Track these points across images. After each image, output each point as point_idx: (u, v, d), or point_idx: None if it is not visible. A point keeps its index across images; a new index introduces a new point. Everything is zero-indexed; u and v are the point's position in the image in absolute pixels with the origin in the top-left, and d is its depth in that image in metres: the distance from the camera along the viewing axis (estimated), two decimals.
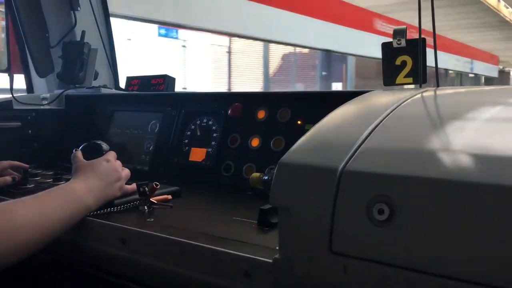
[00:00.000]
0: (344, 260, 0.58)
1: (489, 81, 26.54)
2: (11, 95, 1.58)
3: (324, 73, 13.42)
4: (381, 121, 0.70)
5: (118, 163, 1.07)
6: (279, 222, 0.66)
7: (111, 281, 0.92)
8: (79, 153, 1.07)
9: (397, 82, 1.17)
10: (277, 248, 0.68)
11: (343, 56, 13.87)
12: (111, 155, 1.08)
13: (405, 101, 0.80)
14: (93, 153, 1.08)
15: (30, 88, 1.95)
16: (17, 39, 1.88)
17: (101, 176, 1.00)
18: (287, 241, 0.65)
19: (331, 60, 13.22)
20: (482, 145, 0.62)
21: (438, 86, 1.14)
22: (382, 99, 0.89)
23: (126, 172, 1.07)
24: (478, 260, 0.51)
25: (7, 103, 1.58)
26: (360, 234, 0.58)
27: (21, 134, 1.61)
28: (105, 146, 1.13)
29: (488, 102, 0.85)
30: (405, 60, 1.16)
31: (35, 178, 1.34)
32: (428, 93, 0.91)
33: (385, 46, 1.18)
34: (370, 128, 0.68)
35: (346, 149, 0.64)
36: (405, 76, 1.17)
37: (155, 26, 9.79)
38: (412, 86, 1.12)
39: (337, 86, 14.32)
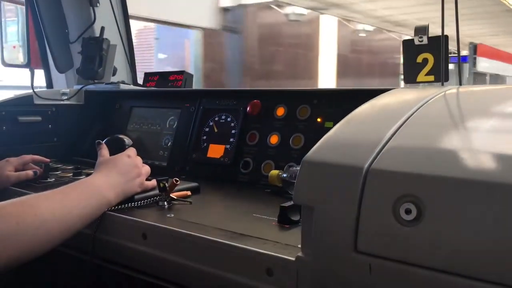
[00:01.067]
0: (370, 260, 0.58)
1: None
2: (31, 90, 1.60)
3: (162, 55, 9.52)
4: (406, 119, 0.69)
5: (139, 159, 1.08)
6: (303, 220, 0.66)
7: (131, 275, 0.92)
8: (104, 148, 1.08)
9: (418, 80, 1.15)
10: (299, 246, 0.67)
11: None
12: (132, 151, 1.09)
13: (430, 99, 0.78)
14: (115, 147, 1.10)
15: (49, 83, 1.98)
16: (37, 34, 1.90)
17: (122, 172, 1.00)
18: (310, 239, 0.64)
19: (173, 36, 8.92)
20: (511, 145, 0.60)
21: (460, 84, 1.12)
22: (406, 97, 0.88)
23: (146, 169, 1.08)
24: (509, 262, 0.50)
25: (28, 98, 1.60)
26: (386, 234, 0.57)
27: (42, 128, 1.63)
28: (127, 141, 1.15)
29: None
30: (426, 57, 1.15)
31: (56, 172, 1.36)
32: (452, 91, 0.89)
33: (407, 44, 1.17)
34: (395, 126, 0.67)
35: (371, 147, 0.63)
36: (426, 74, 1.15)
37: None
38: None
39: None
